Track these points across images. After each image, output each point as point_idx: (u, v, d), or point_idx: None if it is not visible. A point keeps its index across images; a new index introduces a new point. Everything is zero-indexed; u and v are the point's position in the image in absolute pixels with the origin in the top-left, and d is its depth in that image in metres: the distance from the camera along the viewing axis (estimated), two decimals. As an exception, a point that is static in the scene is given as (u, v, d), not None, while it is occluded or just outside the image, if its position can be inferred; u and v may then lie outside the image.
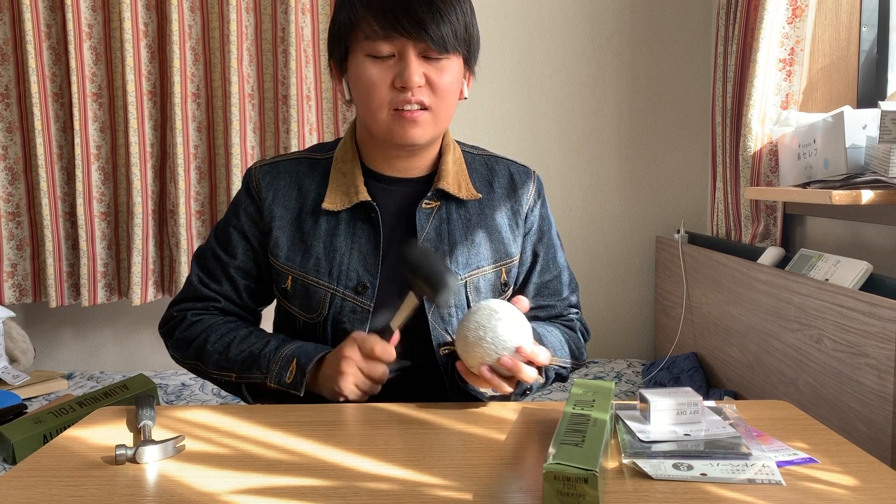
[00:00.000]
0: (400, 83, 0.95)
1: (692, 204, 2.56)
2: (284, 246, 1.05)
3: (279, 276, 1.06)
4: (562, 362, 1.05)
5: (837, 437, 0.82)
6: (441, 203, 1.06)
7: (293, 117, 2.32)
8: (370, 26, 0.95)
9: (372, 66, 0.96)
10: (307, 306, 1.04)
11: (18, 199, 2.39)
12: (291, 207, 1.06)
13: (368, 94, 0.97)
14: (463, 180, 1.08)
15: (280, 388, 0.96)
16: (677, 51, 2.51)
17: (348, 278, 1.03)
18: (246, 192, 1.09)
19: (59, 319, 2.58)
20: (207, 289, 1.09)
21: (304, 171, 1.08)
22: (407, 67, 0.94)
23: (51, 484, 0.71)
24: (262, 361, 0.98)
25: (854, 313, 1.32)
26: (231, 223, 1.09)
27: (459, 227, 1.06)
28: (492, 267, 1.08)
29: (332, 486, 0.70)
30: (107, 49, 2.36)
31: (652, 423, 0.81)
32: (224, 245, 1.09)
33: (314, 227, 1.04)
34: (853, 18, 1.91)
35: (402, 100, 0.96)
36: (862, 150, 1.50)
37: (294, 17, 2.30)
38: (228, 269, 1.08)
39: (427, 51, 0.96)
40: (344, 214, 1.04)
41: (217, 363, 1.02)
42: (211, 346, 1.03)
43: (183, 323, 1.07)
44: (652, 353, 2.59)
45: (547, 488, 0.63)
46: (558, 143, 2.53)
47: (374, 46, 0.95)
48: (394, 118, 0.97)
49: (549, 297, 1.15)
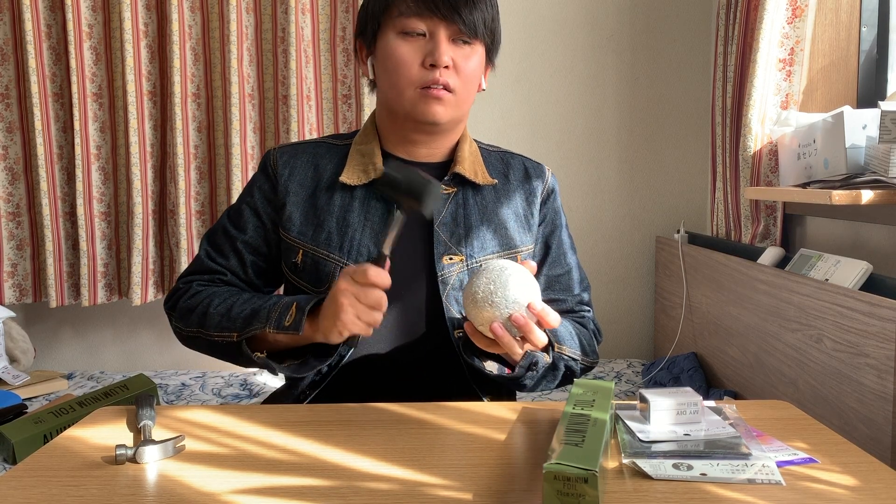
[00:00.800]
0: (430, 61, 0.99)
1: (692, 204, 2.56)
2: (297, 220, 1.06)
3: (290, 251, 1.07)
4: (571, 352, 1.04)
5: (837, 437, 0.82)
6: (458, 189, 1.09)
7: (293, 117, 2.32)
8: (405, 4, 0.99)
9: (403, 44, 1.00)
10: (316, 280, 1.05)
11: (18, 199, 2.39)
12: (307, 185, 1.08)
13: (397, 70, 1.00)
14: (479, 167, 1.11)
15: (279, 332, 0.94)
16: (677, 51, 2.51)
17: (359, 253, 1.04)
18: (262, 170, 1.11)
19: (59, 319, 2.58)
20: (214, 262, 1.10)
21: (322, 153, 1.11)
22: (437, 47, 0.99)
23: (51, 484, 0.71)
24: (263, 313, 0.97)
25: (854, 313, 1.32)
26: (244, 200, 1.11)
27: (476, 212, 1.08)
28: (505, 253, 1.09)
29: (332, 486, 0.70)
30: (107, 49, 2.37)
31: (652, 423, 0.81)
32: (235, 220, 1.11)
33: (328, 202, 1.06)
34: (853, 18, 1.91)
35: (431, 79, 0.99)
36: (862, 150, 1.50)
37: (294, 17, 2.30)
38: (236, 243, 1.09)
39: (457, 34, 1.00)
40: (359, 192, 1.06)
41: (219, 325, 1.01)
42: (214, 308, 1.02)
43: (188, 293, 1.08)
44: (652, 353, 2.59)
45: (547, 488, 0.63)
46: (558, 143, 2.53)
47: (408, 23, 0.99)
48: (420, 95, 1.00)
49: (559, 292, 1.15)
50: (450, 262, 1.05)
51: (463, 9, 0.98)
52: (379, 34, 1.03)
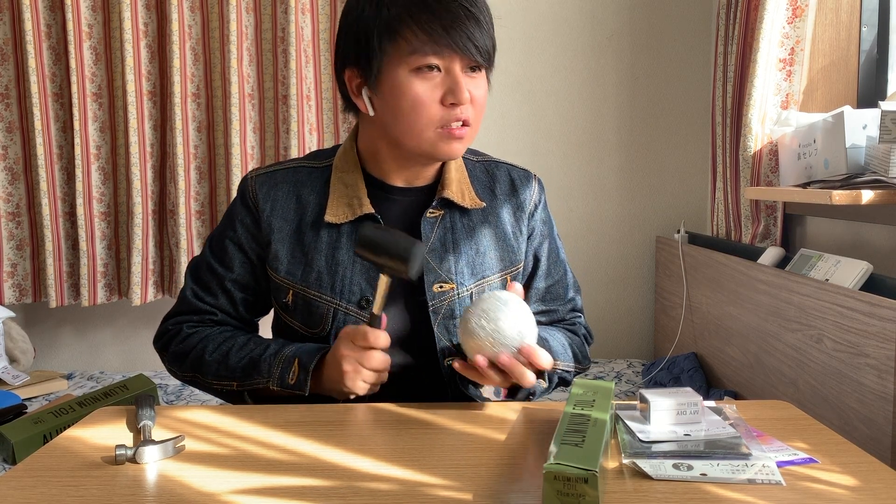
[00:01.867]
0: (452, 100, 0.93)
1: (692, 204, 2.56)
2: (284, 259, 1.02)
3: (279, 290, 1.04)
4: (565, 366, 1.04)
5: (837, 437, 0.82)
6: (445, 212, 1.05)
7: (293, 117, 2.32)
8: (417, 38, 0.91)
9: (419, 82, 0.92)
10: (309, 321, 1.02)
11: (18, 199, 2.39)
12: (290, 219, 1.03)
13: (415, 111, 0.93)
14: (466, 189, 1.06)
15: (283, 390, 0.95)
16: (677, 51, 2.51)
17: (351, 293, 1.01)
18: (242, 202, 1.06)
19: (59, 319, 2.58)
20: (202, 302, 1.06)
21: (302, 180, 1.05)
22: (457, 84, 0.93)
23: (51, 484, 0.71)
24: (263, 366, 0.96)
25: (854, 313, 1.32)
26: (227, 235, 1.06)
27: (464, 235, 1.05)
28: (498, 275, 1.07)
29: (332, 486, 0.70)
30: (107, 49, 2.37)
31: (652, 423, 0.81)
32: (220, 257, 1.06)
33: (315, 239, 1.02)
34: (853, 18, 1.91)
35: (453, 117, 0.94)
36: (862, 150, 1.50)
37: (294, 17, 2.30)
38: (224, 282, 1.06)
39: (470, 63, 0.95)
40: (346, 227, 1.02)
41: (217, 373, 1.00)
42: (209, 356, 1.00)
43: (178, 336, 1.05)
44: (652, 354, 2.59)
45: (547, 488, 0.63)
46: (558, 143, 2.53)
47: (423, 60, 0.92)
48: (440, 136, 0.95)
49: (552, 302, 1.14)
50: (440, 290, 1.02)
51: (477, 38, 0.93)
52: (384, 69, 0.94)
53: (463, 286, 1.03)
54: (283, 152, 2.38)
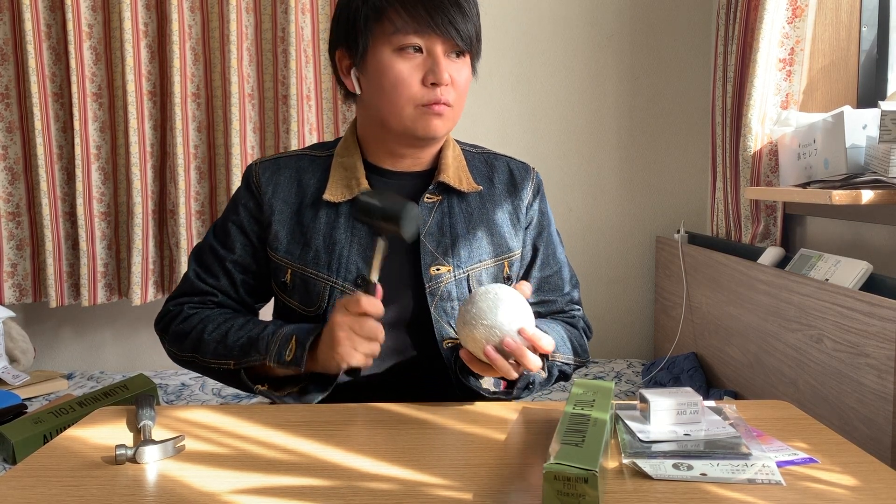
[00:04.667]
0: (432, 79, 0.97)
1: (692, 204, 2.56)
2: (284, 239, 1.05)
3: (278, 270, 1.06)
4: (564, 358, 1.05)
5: (837, 437, 0.82)
6: (443, 197, 1.07)
7: (293, 117, 2.32)
8: (401, 19, 0.96)
9: (400, 61, 0.97)
10: (306, 300, 1.04)
11: (18, 199, 2.39)
12: (291, 202, 1.06)
13: (396, 89, 0.98)
14: (463, 174, 1.09)
15: (280, 366, 0.95)
16: (677, 51, 2.51)
17: (348, 271, 1.03)
18: (246, 187, 1.09)
19: (59, 319, 2.58)
20: (204, 283, 1.08)
21: (304, 167, 1.09)
22: (438, 65, 0.97)
23: (51, 484, 0.71)
24: (261, 344, 0.97)
25: (854, 313, 1.32)
26: (230, 219, 1.09)
27: (461, 220, 1.07)
28: (493, 260, 1.08)
29: (332, 486, 0.70)
30: (107, 49, 2.36)
31: (652, 423, 0.81)
32: (222, 240, 1.09)
33: (314, 219, 1.05)
34: (853, 18, 1.91)
35: (433, 98, 0.98)
36: (862, 150, 1.50)
37: (294, 17, 2.30)
38: (226, 263, 1.08)
39: (452, 48, 0.99)
40: (344, 207, 1.05)
41: (215, 351, 1.01)
42: (208, 335, 1.02)
43: (179, 316, 1.07)
44: (652, 353, 2.59)
45: (547, 488, 0.63)
46: (558, 143, 2.53)
47: (405, 40, 0.96)
48: (420, 113, 0.99)
49: (549, 293, 1.15)
50: (437, 272, 1.04)
51: (459, 23, 0.97)
52: (370, 49, 0.99)
53: (459, 269, 1.05)
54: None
